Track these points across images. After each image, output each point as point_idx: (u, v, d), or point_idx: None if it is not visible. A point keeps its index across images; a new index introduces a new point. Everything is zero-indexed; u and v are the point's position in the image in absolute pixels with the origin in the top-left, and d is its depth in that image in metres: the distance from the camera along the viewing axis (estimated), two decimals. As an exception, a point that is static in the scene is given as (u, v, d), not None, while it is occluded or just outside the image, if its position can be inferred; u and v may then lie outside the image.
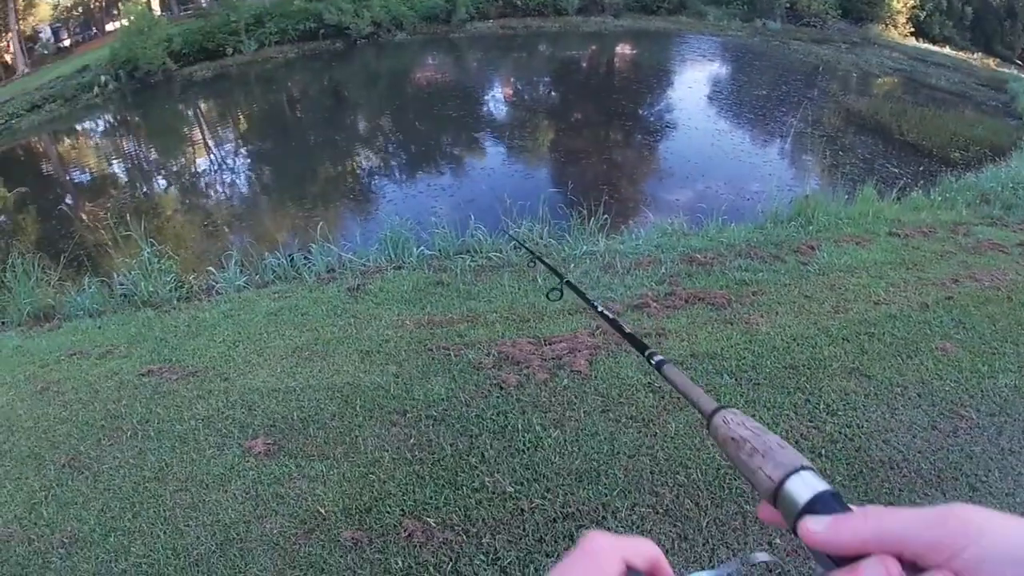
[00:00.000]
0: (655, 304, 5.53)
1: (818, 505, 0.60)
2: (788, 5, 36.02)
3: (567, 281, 1.98)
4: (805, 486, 0.63)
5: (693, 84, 22.42)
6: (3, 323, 7.27)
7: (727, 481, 3.42)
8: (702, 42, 31.20)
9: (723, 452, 0.76)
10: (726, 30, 33.75)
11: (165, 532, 3.45)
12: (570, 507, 3.31)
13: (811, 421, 3.89)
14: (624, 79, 24.82)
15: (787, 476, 0.64)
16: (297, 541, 3.28)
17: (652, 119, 18.73)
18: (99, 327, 6.51)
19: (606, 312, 1.42)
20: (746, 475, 0.70)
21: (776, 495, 0.64)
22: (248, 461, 3.93)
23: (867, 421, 3.95)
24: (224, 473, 3.86)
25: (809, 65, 26.28)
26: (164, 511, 3.60)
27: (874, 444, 3.72)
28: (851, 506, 0.59)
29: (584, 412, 4.10)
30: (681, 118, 17.98)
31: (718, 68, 26.69)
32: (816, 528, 0.58)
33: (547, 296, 2.08)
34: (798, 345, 4.77)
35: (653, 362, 1.07)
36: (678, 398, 4.14)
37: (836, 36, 33.67)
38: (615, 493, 3.39)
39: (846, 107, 19.14)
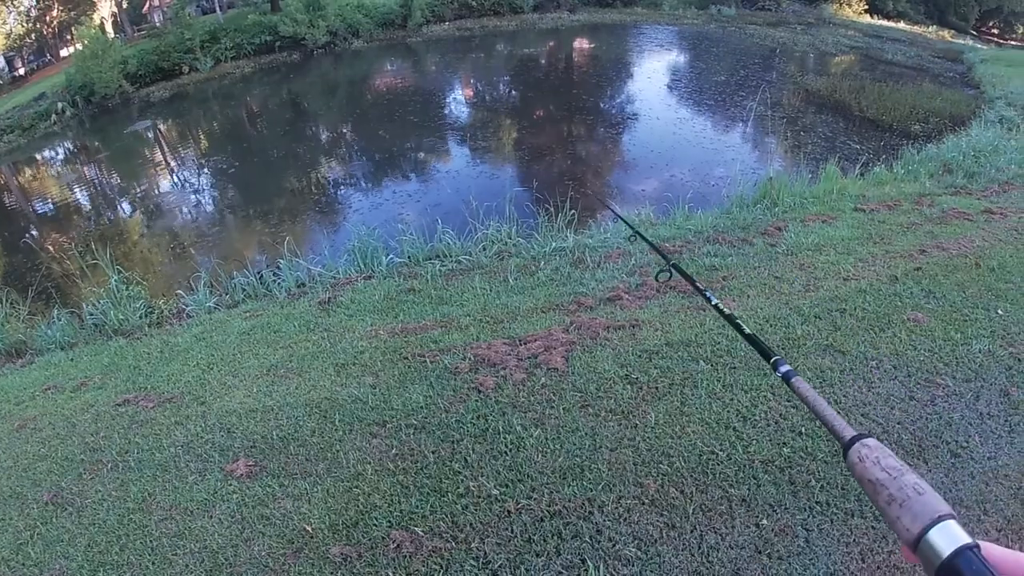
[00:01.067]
0: (627, 296, 5.54)
1: (959, 559, 0.60)
2: (743, -10, 36.37)
3: (673, 264, 1.95)
4: (946, 539, 0.63)
5: (652, 74, 22.56)
6: (-26, 361, 7.15)
7: (711, 467, 3.42)
8: (659, 32, 31.43)
9: (862, 489, 0.77)
10: (682, 19, 34.05)
11: (153, 563, 3.40)
12: (556, 505, 3.30)
13: (789, 401, 3.91)
14: (583, 73, 24.89)
15: (926, 529, 0.64)
16: (286, 561, 3.24)
17: (613, 111, 18.81)
18: (72, 359, 6.43)
19: (721, 307, 1.39)
20: (887, 522, 0.71)
21: (916, 547, 0.65)
22: (231, 484, 3.88)
23: (845, 396, 3.97)
24: (208, 498, 3.81)
25: (766, 48, 26.56)
26: (151, 542, 3.55)
27: (853, 419, 3.75)
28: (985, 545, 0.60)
29: (563, 409, 4.09)
30: (642, 109, 18.10)
31: (676, 57, 26.89)
32: None
33: (655, 277, 2.06)
34: (771, 326, 4.80)
35: (779, 372, 1.05)
36: (655, 388, 4.16)
37: (791, 18, 34.04)
38: (600, 487, 3.39)
39: (805, 88, 19.36)
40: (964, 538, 0.62)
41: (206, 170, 18.68)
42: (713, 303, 1.44)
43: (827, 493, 3.23)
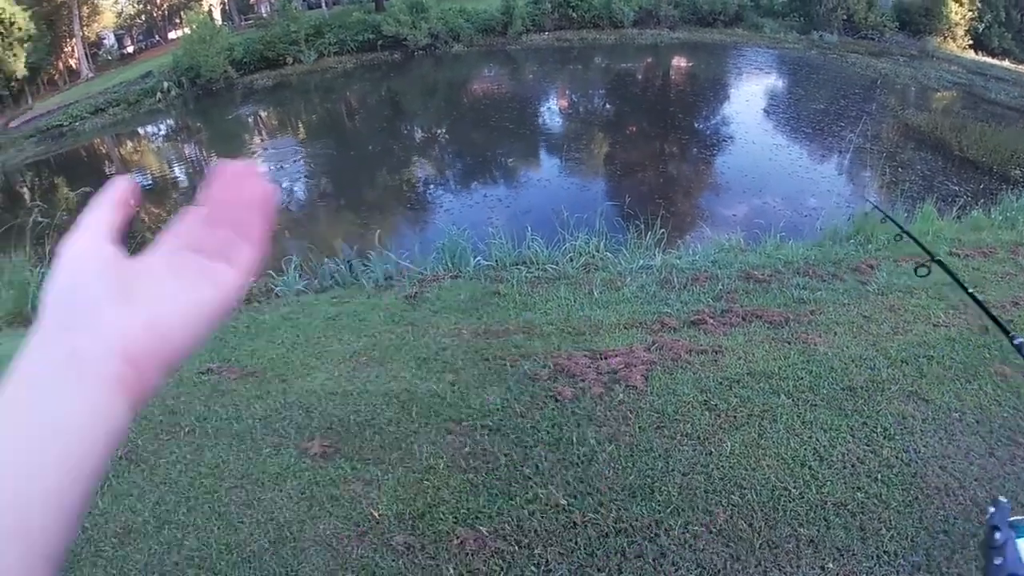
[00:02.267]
0: (712, 321, 5.51)
1: None
2: (845, 18, 35.46)
3: (937, 260, 1.96)
4: None
5: (750, 97, 22.27)
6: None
7: (782, 503, 3.40)
8: (758, 54, 30.96)
9: None
10: (783, 43, 33.42)
11: (219, 527, 3.50)
12: (623, 522, 3.32)
13: (868, 445, 3.86)
14: (680, 92, 24.74)
15: None
16: (350, 543, 3.31)
17: (709, 132, 18.66)
18: (160, 323, 6.68)
19: (976, 295, 1.41)
20: None
21: None
22: (304, 462, 3.98)
23: (924, 446, 3.89)
24: (280, 473, 3.91)
25: (867, 79, 25.90)
26: (219, 507, 3.66)
27: (931, 470, 3.68)
28: None
29: (639, 427, 4.09)
30: (738, 132, 17.89)
31: (775, 81, 26.46)
32: None
33: (915, 272, 2.08)
34: (856, 366, 4.72)
35: (1016, 343, 1.04)
36: (733, 416, 4.15)
37: (894, 49, 33.07)
38: (668, 510, 3.39)
39: (905, 122, 18.83)
40: None
41: (303, 159, 19.15)
42: (969, 291, 1.45)
43: (896, 543, 3.16)
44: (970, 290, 1.45)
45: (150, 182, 19.71)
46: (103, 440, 0.43)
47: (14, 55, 33.26)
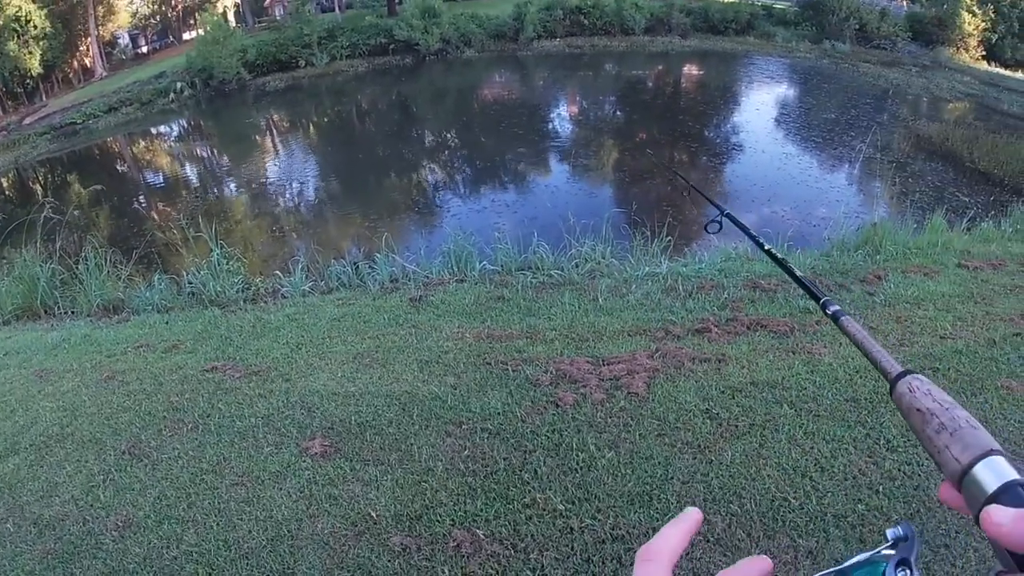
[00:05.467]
0: (716, 329, 5.49)
1: (1007, 496, 0.57)
2: (857, 27, 35.43)
3: (727, 213, 1.94)
4: (994, 473, 0.59)
5: (760, 106, 22.26)
6: (73, 312, 7.58)
7: (782, 514, 3.37)
8: (770, 63, 30.98)
9: (907, 423, 0.72)
10: (794, 51, 33.42)
11: (218, 524, 3.53)
12: (620, 529, 3.30)
13: (870, 456, 3.82)
14: (690, 100, 24.75)
15: (976, 460, 0.61)
16: (347, 543, 3.33)
17: (718, 140, 18.66)
18: (166, 322, 6.76)
19: (774, 251, 1.36)
20: (930, 452, 0.67)
21: (962, 479, 0.61)
22: (304, 461, 4.01)
23: (927, 459, 3.84)
24: (280, 471, 3.94)
25: (878, 88, 25.85)
26: (219, 503, 3.69)
27: (933, 483, 3.63)
28: None
29: (639, 435, 4.07)
30: (748, 140, 17.88)
31: (786, 90, 26.47)
32: (1002, 520, 0.54)
33: (706, 229, 2.07)
34: (861, 378, 4.68)
35: (829, 311, 1.02)
36: (735, 426, 4.13)
37: (906, 59, 32.99)
38: (666, 518, 3.31)
39: (916, 133, 18.77)
40: (1013, 473, 0.58)
41: (312, 160, 19.23)
42: (766, 248, 1.41)
43: (898, 555, 3.14)
44: (766, 246, 1.41)
45: (161, 182, 19.82)
46: None
47: (29, 53, 33.64)
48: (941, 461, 0.64)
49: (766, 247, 1.41)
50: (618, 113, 23.35)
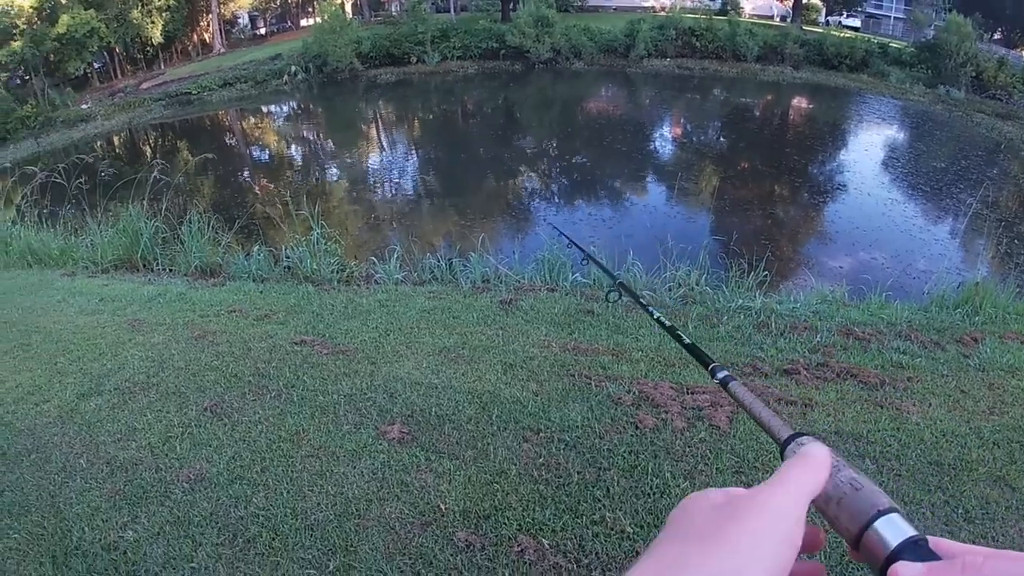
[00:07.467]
0: (806, 372, 5.41)
1: (906, 553, 0.58)
2: (974, 74, 33.99)
3: (620, 283, 1.96)
4: (891, 531, 0.60)
5: (869, 147, 21.79)
6: (171, 270, 7.93)
7: (850, 571, 3.32)
8: (882, 104, 30.24)
9: None
10: (908, 94, 32.47)
11: (289, 491, 3.61)
12: (686, 562, 3.30)
13: (946, 524, 3.72)
14: (797, 133, 24.35)
15: (869, 523, 0.61)
16: (412, 530, 3.36)
17: (822, 178, 18.31)
18: (260, 292, 6.97)
19: (663, 320, 1.37)
20: (828, 523, 0.68)
21: (858, 543, 0.62)
22: (381, 444, 4.05)
23: (1003, 535, 3.72)
24: (356, 450, 4.00)
25: (991, 141, 24.91)
26: (292, 472, 3.77)
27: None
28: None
29: (717, 469, 4.01)
30: (852, 181, 17.49)
31: (896, 133, 25.81)
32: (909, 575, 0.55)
33: (606, 298, 2.10)
34: (947, 441, 4.56)
35: (717, 378, 1.01)
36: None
37: (1022, 112, 31.72)
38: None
39: (1027, 191, 18.13)
40: (910, 531, 0.60)
41: (414, 155, 19.55)
42: (655, 316, 1.40)
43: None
44: (656, 315, 1.41)
45: (267, 158, 20.41)
46: None
47: (152, 22, 35.16)
48: (838, 532, 0.65)
49: (655, 315, 1.40)
50: (722, 139, 23.10)
